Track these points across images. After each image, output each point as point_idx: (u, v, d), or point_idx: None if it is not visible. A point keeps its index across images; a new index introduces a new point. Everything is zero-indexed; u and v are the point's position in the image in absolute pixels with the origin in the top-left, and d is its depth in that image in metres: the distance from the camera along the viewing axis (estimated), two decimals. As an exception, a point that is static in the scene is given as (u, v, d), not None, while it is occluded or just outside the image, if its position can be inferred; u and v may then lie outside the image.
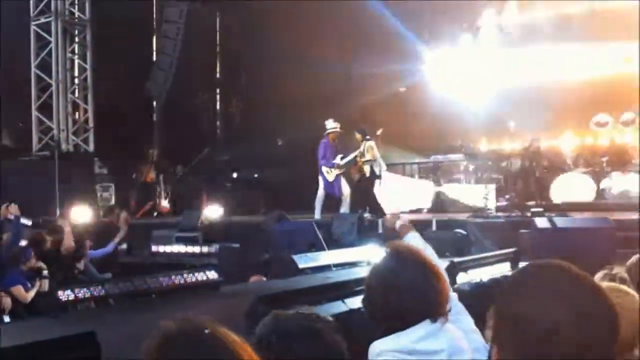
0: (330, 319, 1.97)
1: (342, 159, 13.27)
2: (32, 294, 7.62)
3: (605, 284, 2.74)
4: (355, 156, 13.20)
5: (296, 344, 1.81)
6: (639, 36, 14.78)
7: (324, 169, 13.27)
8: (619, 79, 16.46)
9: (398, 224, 3.76)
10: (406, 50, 17.78)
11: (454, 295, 2.89)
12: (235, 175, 18.87)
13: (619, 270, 3.77)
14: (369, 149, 13.04)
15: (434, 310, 2.29)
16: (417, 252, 2.51)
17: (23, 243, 8.63)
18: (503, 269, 8.75)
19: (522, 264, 8.85)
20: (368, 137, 13.17)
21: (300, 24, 18.33)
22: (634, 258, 4.10)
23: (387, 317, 2.30)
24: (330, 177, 13.29)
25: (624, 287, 2.73)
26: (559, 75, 17.36)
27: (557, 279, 1.37)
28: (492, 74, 18.13)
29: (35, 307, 7.39)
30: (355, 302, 6.91)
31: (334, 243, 11.14)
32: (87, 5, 17.40)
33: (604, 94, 16.39)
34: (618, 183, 13.08)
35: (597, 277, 3.64)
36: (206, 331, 1.38)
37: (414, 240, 3.56)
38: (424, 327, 2.24)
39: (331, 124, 13.31)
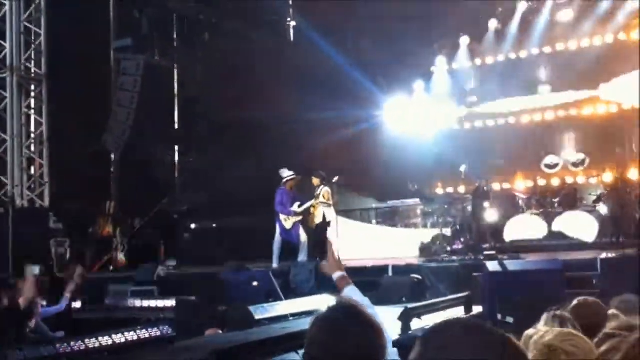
0: None
1: (299, 206, 13.34)
2: (-21, 356, 7.45)
3: (557, 330, 2.82)
4: (312, 204, 13.29)
5: None
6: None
7: (282, 216, 13.32)
8: (569, 120, 16.92)
9: (336, 275, 3.76)
10: (362, 96, 18.07)
11: (393, 351, 2.94)
12: (193, 225, 18.79)
13: (564, 312, 3.87)
14: (325, 193, 13.16)
15: None
16: (360, 306, 2.53)
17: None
18: (456, 313, 8.88)
19: (475, 308, 9.00)
20: (324, 182, 13.31)
21: (257, 72, 18.56)
22: (577, 300, 4.21)
23: None
24: (288, 225, 13.32)
25: (578, 333, 2.78)
26: (509, 118, 17.79)
27: (463, 336, 1.41)
28: (445, 119, 18.49)
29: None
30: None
31: (293, 292, 11.15)
32: (43, 60, 17.40)
33: (553, 135, 16.85)
34: (569, 223, 13.34)
35: (543, 318, 3.74)
36: None
37: (352, 293, 3.57)
38: None
39: (287, 172, 13.43)
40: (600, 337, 2.64)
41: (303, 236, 13.43)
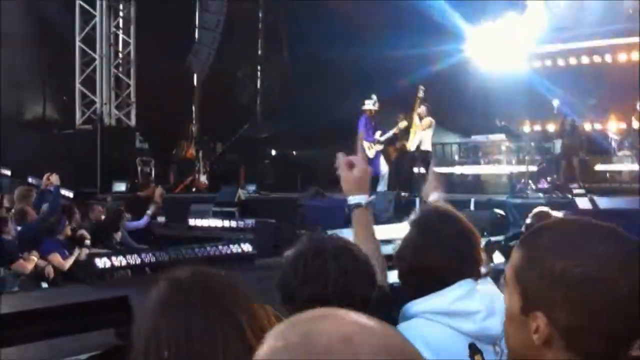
0: None
1: (381, 135, 13.17)
2: (70, 262, 7.70)
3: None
4: (395, 133, 13.07)
5: (331, 258, 1.94)
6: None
7: (365, 144, 13.13)
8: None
9: (432, 197, 3.52)
10: (448, 29, 17.46)
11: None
12: (273, 152, 18.87)
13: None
14: (427, 121, 12.98)
15: (471, 270, 2.17)
16: (456, 212, 2.41)
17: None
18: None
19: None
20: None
21: (343, 2, 18.15)
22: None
23: (421, 274, 2.18)
24: (371, 154, 13.12)
25: None
26: (606, 56, 16.93)
27: (594, 232, 1.27)
28: (537, 54, 17.74)
29: (73, 275, 7.48)
30: (389, 278, 6.84)
31: (371, 220, 11.06)
32: (131, -20, 17.52)
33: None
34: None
35: None
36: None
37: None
38: (460, 287, 2.11)
39: (368, 101, 13.23)
40: None
41: (384, 167, 13.28)
